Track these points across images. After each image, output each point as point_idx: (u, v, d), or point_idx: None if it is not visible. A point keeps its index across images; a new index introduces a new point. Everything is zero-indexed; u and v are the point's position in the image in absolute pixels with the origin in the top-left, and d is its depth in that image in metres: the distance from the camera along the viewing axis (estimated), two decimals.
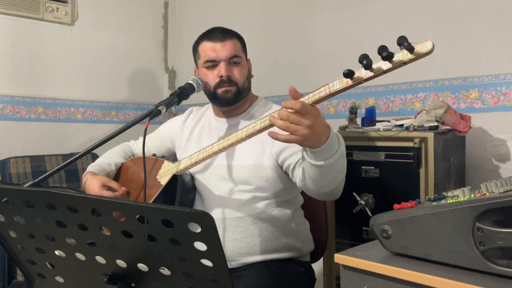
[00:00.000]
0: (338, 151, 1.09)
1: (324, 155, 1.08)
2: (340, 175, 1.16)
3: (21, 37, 2.58)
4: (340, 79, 0.97)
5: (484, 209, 0.82)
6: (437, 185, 1.55)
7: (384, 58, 0.88)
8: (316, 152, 1.07)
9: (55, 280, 0.95)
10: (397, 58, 0.88)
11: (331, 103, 2.35)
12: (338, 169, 1.13)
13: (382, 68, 0.91)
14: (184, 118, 1.60)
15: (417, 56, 0.87)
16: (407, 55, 0.87)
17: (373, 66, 0.91)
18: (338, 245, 1.78)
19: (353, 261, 0.97)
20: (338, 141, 1.11)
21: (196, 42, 1.46)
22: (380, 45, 0.88)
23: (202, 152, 1.28)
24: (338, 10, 2.31)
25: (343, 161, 1.14)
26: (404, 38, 0.87)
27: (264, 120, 1.10)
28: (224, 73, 1.37)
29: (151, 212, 0.75)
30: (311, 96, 1.02)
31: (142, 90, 3.13)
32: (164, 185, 1.36)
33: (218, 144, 1.22)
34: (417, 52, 0.86)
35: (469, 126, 1.68)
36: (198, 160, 1.29)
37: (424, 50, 0.86)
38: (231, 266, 1.35)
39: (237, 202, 1.37)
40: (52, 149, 2.63)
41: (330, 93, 0.99)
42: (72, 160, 1.26)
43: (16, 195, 0.86)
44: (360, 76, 0.94)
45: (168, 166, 1.39)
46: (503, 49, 1.78)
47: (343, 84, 0.97)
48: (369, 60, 0.90)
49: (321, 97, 1.00)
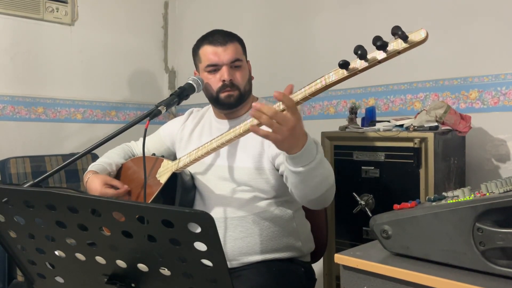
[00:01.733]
0: (316, 158, 1.09)
1: (302, 161, 1.08)
2: (322, 183, 1.15)
3: (21, 37, 2.58)
4: (335, 71, 0.97)
5: (484, 209, 0.82)
6: (437, 185, 1.55)
7: (379, 48, 0.88)
8: (295, 158, 1.08)
9: (55, 280, 0.95)
10: (392, 48, 0.88)
11: (331, 103, 2.35)
12: (318, 176, 1.13)
13: (377, 58, 0.91)
14: (184, 119, 1.60)
15: (411, 45, 0.87)
16: (401, 44, 0.87)
17: (368, 56, 0.91)
18: (338, 245, 1.78)
19: (353, 261, 0.97)
20: (317, 149, 1.11)
21: (197, 46, 1.45)
22: (375, 36, 0.88)
23: (200, 149, 1.28)
24: (339, 10, 2.31)
25: (323, 169, 1.13)
26: (398, 28, 0.87)
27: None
28: (227, 77, 1.37)
29: (151, 212, 0.75)
30: (307, 88, 1.02)
31: (142, 90, 3.13)
32: (164, 183, 1.36)
33: (216, 140, 1.22)
34: (411, 41, 0.86)
35: (469, 126, 1.68)
36: (197, 157, 1.29)
37: (418, 39, 0.86)
38: (231, 266, 1.35)
39: (238, 201, 1.37)
40: (52, 149, 2.63)
41: (326, 84, 0.99)
42: (72, 160, 1.26)
43: (16, 195, 0.86)
44: (356, 66, 0.94)
45: (167, 164, 1.39)
46: (503, 49, 1.78)
47: (339, 75, 0.97)
48: (364, 51, 0.90)
49: (317, 89, 1.00)
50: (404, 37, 0.86)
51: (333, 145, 1.80)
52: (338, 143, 1.78)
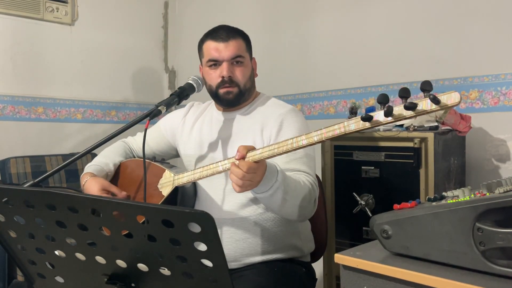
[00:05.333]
0: (273, 186, 1.15)
1: (259, 189, 1.15)
2: (284, 207, 1.20)
3: (21, 37, 2.58)
4: (356, 121, 0.94)
5: (484, 209, 0.82)
6: (437, 185, 1.55)
7: (407, 109, 0.85)
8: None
9: (55, 280, 0.95)
10: (420, 108, 0.85)
11: (331, 103, 2.35)
12: (277, 202, 1.18)
13: (404, 115, 0.88)
14: (184, 112, 1.58)
15: (442, 108, 0.83)
16: (431, 105, 0.83)
17: (394, 113, 0.87)
18: (338, 245, 1.78)
19: (353, 261, 0.97)
20: (276, 177, 1.15)
21: (201, 40, 1.45)
22: (402, 88, 0.85)
23: (206, 169, 1.25)
24: (339, 11, 2.30)
25: (283, 194, 1.17)
26: (428, 85, 0.83)
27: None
28: (226, 73, 1.37)
29: (152, 212, 0.75)
30: (325, 132, 1.00)
31: (142, 90, 3.13)
32: (166, 196, 1.35)
33: (222, 164, 1.21)
34: (443, 104, 0.82)
35: (469, 126, 1.68)
36: (201, 177, 1.27)
37: (451, 103, 0.82)
38: (232, 267, 1.35)
39: (239, 202, 1.37)
40: (52, 149, 2.63)
41: (346, 132, 0.96)
42: (72, 160, 1.26)
43: (16, 195, 0.86)
44: (379, 120, 0.91)
45: (170, 177, 1.36)
46: (503, 49, 1.78)
47: (359, 126, 0.94)
48: (390, 108, 0.87)
49: (334, 135, 0.98)
50: (436, 101, 0.82)
51: (333, 145, 1.80)
52: (338, 143, 1.78)
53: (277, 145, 1.07)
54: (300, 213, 1.25)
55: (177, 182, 1.34)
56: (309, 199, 1.25)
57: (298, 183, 1.23)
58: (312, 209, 1.30)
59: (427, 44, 1.97)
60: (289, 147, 1.06)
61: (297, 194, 1.21)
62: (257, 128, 1.40)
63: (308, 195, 1.24)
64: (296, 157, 1.32)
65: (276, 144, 1.07)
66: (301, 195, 1.22)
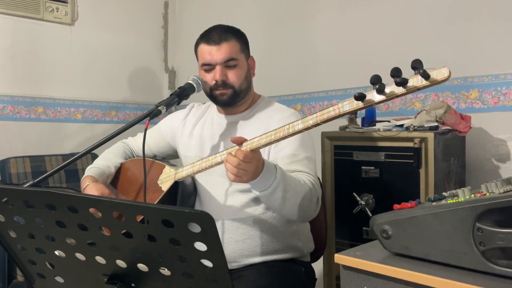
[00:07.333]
0: (273, 184, 1.15)
1: (259, 187, 1.16)
2: (285, 206, 1.21)
3: (21, 37, 2.58)
4: (350, 101, 0.95)
5: (484, 209, 0.82)
6: (437, 185, 1.55)
7: (398, 84, 0.86)
8: (252, 184, 1.16)
9: (55, 280, 0.95)
10: (411, 84, 0.86)
11: (331, 103, 2.34)
12: (277, 200, 1.18)
13: (395, 92, 0.89)
14: (185, 114, 1.58)
15: (432, 83, 0.85)
16: (421, 81, 0.85)
17: (386, 91, 0.89)
18: (338, 245, 1.78)
19: (353, 261, 0.97)
20: (275, 174, 1.16)
21: (196, 43, 1.45)
22: (394, 68, 0.86)
23: (205, 161, 1.26)
24: (339, 10, 2.30)
25: (283, 192, 1.17)
26: (419, 62, 0.84)
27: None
28: (219, 77, 1.38)
29: (151, 212, 0.75)
30: (320, 114, 1.00)
31: (142, 90, 3.13)
32: (166, 191, 1.36)
33: (221, 155, 1.22)
34: (433, 79, 0.84)
35: (469, 126, 1.68)
36: (201, 169, 1.28)
37: (440, 78, 0.84)
38: (232, 267, 1.35)
39: (239, 203, 1.37)
40: (52, 149, 2.63)
41: (340, 114, 0.97)
42: (72, 160, 1.26)
43: (16, 195, 0.86)
44: (372, 99, 0.92)
45: (169, 172, 1.37)
46: (503, 49, 1.78)
47: (353, 106, 0.95)
48: (382, 85, 0.88)
49: (329, 117, 0.99)
50: (426, 76, 0.83)
51: (333, 145, 1.80)
52: (338, 143, 1.78)
53: (273, 132, 1.08)
54: (301, 213, 1.25)
55: (177, 176, 1.34)
56: (310, 198, 1.25)
57: (298, 182, 1.23)
58: (315, 209, 1.29)
59: (427, 44, 1.97)
60: (285, 133, 1.06)
61: (297, 193, 1.21)
62: (259, 134, 1.40)
63: (309, 194, 1.24)
64: (297, 160, 1.32)
65: (273, 130, 1.08)
66: (301, 194, 1.22)
